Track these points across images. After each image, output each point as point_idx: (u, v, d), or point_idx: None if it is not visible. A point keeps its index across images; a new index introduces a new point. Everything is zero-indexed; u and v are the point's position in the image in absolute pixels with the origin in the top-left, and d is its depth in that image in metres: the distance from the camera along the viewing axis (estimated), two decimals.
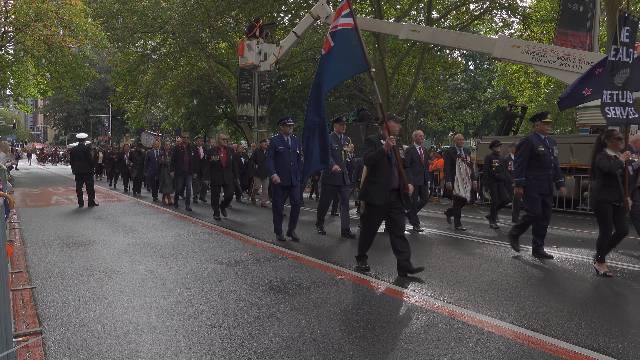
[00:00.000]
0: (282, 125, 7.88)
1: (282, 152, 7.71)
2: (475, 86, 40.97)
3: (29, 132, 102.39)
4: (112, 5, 24.77)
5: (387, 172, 5.46)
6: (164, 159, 13.17)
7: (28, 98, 28.14)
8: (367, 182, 5.56)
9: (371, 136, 5.65)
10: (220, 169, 10.26)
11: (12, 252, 6.13)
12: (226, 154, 10.37)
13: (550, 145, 6.70)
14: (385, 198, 5.46)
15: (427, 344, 3.60)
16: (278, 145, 7.74)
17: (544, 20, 22.53)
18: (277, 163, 7.69)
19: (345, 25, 5.57)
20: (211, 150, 10.39)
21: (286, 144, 7.77)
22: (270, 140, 7.90)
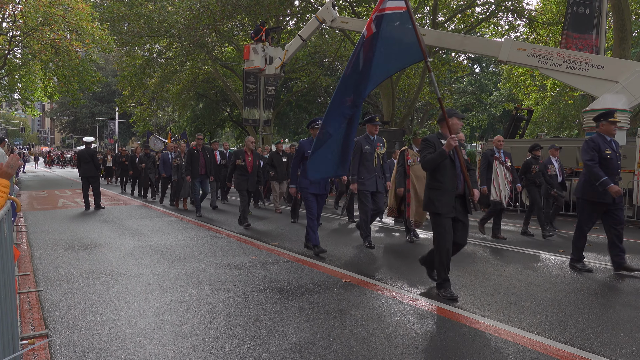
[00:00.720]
0: (312, 128, 7.17)
1: None
2: (481, 89, 40.86)
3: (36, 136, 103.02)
4: (118, 10, 24.92)
5: (451, 175, 4.84)
6: (179, 161, 12.65)
7: (35, 102, 28.32)
8: (429, 189, 4.94)
9: (429, 136, 5.03)
10: (245, 174, 9.72)
11: (19, 255, 6.16)
12: (252, 159, 9.83)
13: (617, 149, 6.08)
14: (452, 205, 4.82)
15: (433, 348, 3.58)
16: (308, 149, 6.95)
17: (550, 23, 22.46)
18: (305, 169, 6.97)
19: (394, 9, 4.82)
20: (237, 153, 9.89)
21: None
22: (300, 144, 7.28)
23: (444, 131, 4.95)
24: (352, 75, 5.00)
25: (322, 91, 33.91)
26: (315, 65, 29.62)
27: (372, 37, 4.83)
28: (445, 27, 24.33)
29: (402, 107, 27.36)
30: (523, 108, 19.95)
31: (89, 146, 12.75)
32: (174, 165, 12.93)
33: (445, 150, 4.70)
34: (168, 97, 34.26)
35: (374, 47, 4.83)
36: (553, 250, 7.48)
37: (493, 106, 38.60)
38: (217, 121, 38.13)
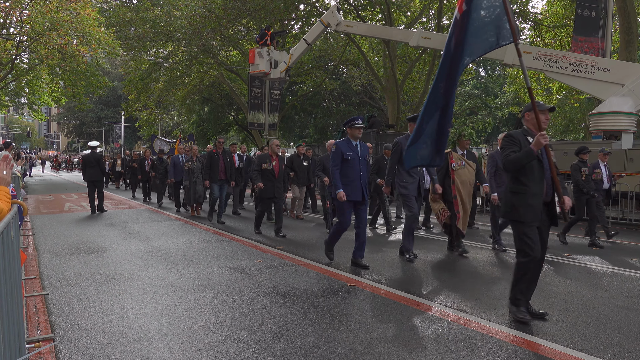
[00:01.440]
0: (350, 127, 6.47)
1: (351, 160, 6.35)
2: (486, 92, 40.80)
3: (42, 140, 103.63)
4: (124, 15, 25.10)
5: (538, 179, 4.23)
6: (191, 165, 12.01)
7: (42, 106, 28.53)
8: (511, 194, 4.32)
9: (513, 132, 4.41)
10: (272, 179, 8.97)
11: (25, 259, 6.20)
12: (279, 163, 9.17)
13: None
14: (538, 213, 4.24)
15: (439, 352, 3.57)
16: (346, 151, 6.36)
17: (555, 27, 22.42)
18: (345, 173, 6.32)
19: None
20: (262, 157, 9.16)
21: (355, 150, 6.41)
22: (337, 145, 6.46)
23: (528, 126, 4.38)
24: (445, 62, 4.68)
25: (327, 95, 33.96)
26: (320, 69, 29.68)
27: (463, 15, 4.47)
28: None
29: (408, 110, 27.31)
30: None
31: (94, 150, 12.94)
32: (186, 170, 12.26)
33: (534, 149, 4.11)
34: (174, 101, 34.43)
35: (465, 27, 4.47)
36: (559, 255, 7.44)
37: (499, 109, 38.49)
38: (222, 125, 38.23)
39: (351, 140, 6.50)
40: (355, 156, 6.38)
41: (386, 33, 16.78)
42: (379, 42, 24.90)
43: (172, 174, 13.24)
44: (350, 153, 6.38)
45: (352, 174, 6.33)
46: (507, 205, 4.35)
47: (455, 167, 7.27)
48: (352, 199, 6.28)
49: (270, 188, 8.96)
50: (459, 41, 4.55)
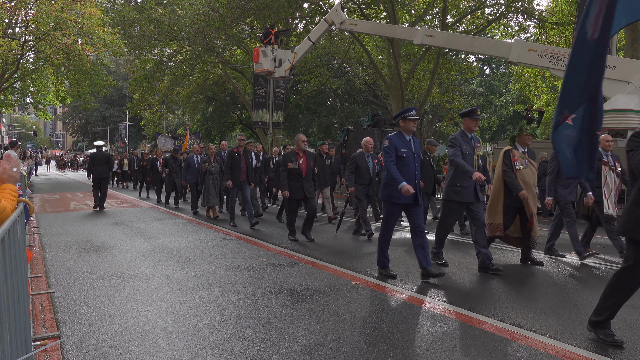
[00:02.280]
0: (404, 119, 5.67)
1: (405, 158, 5.58)
2: (491, 91, 40.71)
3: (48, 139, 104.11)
4: (129, 14, 25.17)
5: None
6: (208, 166, 11.40)
7: (47, 105, 28.67)
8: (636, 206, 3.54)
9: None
10: (300, 180, 8.15)
11: (31, 257, 6.23)
12: (306, 160, 8.26)
13: None
14: None
15: (444, 351, 3.56)
16: (400, 146, 5.59)
17: (560, 24, 22.32)
18: (400, 171, 5.54)
19: None
20: (288, 156, 8.29)
21: (409, 146, 5.65)
22: (390, 139, 5.67)
23: None
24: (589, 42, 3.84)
25: (331, 93, 33.95)
26: (325, 68, 29.66)
27: None
28: (454, 28, 24.27)
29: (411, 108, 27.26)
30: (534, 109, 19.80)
31: (100, 149, 13.55)
32: (203, 171, 11.56)
33: None
34: (178, 100, 34.52)
35: None
36: (566, 253, 7.41)
37: (503, 107, 38.43)
38: (226, 124, 38.31)
39: (404, 135, 5.70)
40: (409, 153, 5.63)
41: (390, 31, 16.75)
42: (383, 41, 24.85)
43: (186, 175, 12.49)
44: (405, 149, 5.61)
45: (406, 172, 5.56)
46: (632, 220, 3.51)
47: (518, 166, 6.37)
48: (404, 201, 5.55)
49: (299, 189, 8.15)
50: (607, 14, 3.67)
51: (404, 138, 5.67)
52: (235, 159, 9.98)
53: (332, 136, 33.49)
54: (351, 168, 8.84)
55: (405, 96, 23.59)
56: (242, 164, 10.03)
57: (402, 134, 5.70)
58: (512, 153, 6.47)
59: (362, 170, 8.77)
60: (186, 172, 12.46)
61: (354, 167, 8.80)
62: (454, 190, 6.08)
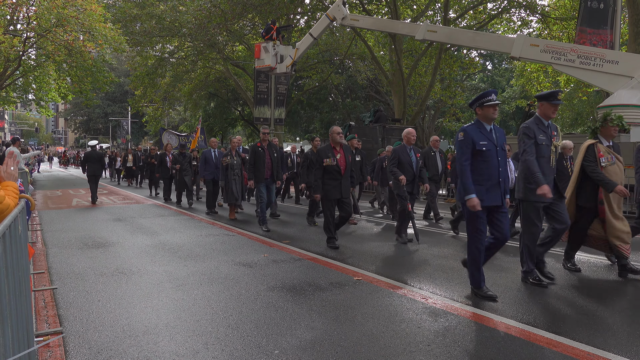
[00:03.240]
0: (482, 106, 4.74)
1: (486, 152, 4.65)
2: (493, 86, 40.58)
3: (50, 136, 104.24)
4: (130, 10, 25.13)
5: None
6: (230, 160, 10.54)
7: (49, 102, 28.67)
8: None
9: None
10: (337, 177, 7.19)
11: (33, 253, 6.24)
12: (344, 155, 7.33)
13: None
14: None
15: (445, 346, 3.56)
16: (478, 139, 4.67)
17: (563, 19, 22.23)
18: (477, 169, 4.68)
19: None
20: (323, 151, 7.30)
21: (490, 137, 4.72)
22: (465, 131, 4.75)
23: None
24: None
25: (333, 89, 33.88)
26: (326, 64, 29.60)
27: None
28: (456, 23, 24.19)
29: (414, 104, 27.23)
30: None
31: (94, 148, 15.17)
32: (223, 165, 10.75)
33: None
34: (180, 96, 34.49)
35: None
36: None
37: (506, 103, 38.30)
38: (228, 120, 38.27)
39: (483, 124, 4.77)
40: (491, 146, 4.69)
41: (392, 27, 16.69)
42: (385, 36, 24.78)
43: (203, 171, 11.70)
44: (485, 142, 4.68)
45: (487, 169, 4.67)
46: None
47: (604, 163, 5.57)
48: (487, 203, 4.64)
49: (336, 188, 7.18)
50: None
51: (484, 128, 4.75)
52: (258, 154, 9.09)
53: None
54: (394, 162, 7.74)
55: (407, 92, 23.54)
56: (267, 160, 9.15)
57: (480, 124, 4.78)
58: (597, 148, 5.63)
59: (405, 165, 7.69)
60: (203, 167, 11.74)
61: (397, 161, 7.71)
62: (531, 189, 4.99)
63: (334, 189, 7.20)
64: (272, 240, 7.93)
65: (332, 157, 7.21)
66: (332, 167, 7.17)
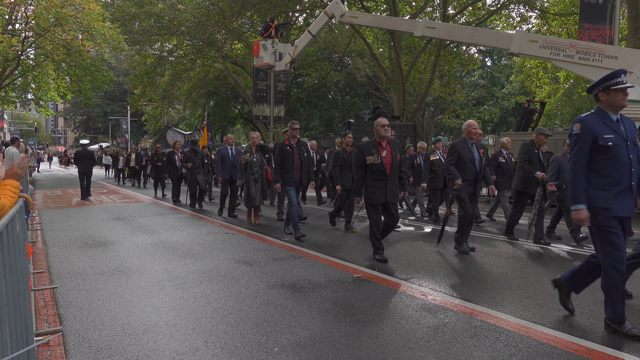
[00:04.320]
0: (607, 90, 3.79)
1: (612, 148, 3.70)
2: (492, 82, 40.53)
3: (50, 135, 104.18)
4: (129, 9, 25.09)
5: None
6: (249, 158, 9.52)
7: (49, 102, 28.63)
8: None
9: None
10: (383, 178, 6.14)
11: (32, 253, 6.24)
12: (391, 152, 6.21)
13: None
14: None
15: (445, 342, 3.56)
16: (601, 131, 3.73)
17: (562, 15, 22.19)
18: (601, 170, 3.74)
19: None
20: (367, 148, 6.23)
21: (617, 129, 3.77)
22: (583, 122, 3.82)
23: None
24: None
25: (332, 87, 33.86)
26: (325, 61, 29.58)
27: None
28: (455, 20, 24.15)
29: (413, 101, 27.21)
30: (535, 101, 19.77)
31: (86, 147, 15.66)
32: (242, 163, 9.81)
33: None
34: (179, 95, 34.50)
35: None
36: (567, 244, 7.40)
37: (505, 99, 38.28)
38: (228, 118, 38.29)
39: (608, 113, 3.83)
40: (619, 140, 3.73)
41: (391, 23, 16.66)
42: (384, 33, 24.74)
43: (220, 170, 10.72)
44: (610, 135, 3.72)
45: (616, 170, 3.71)
46: None
47: None
48: (617, 213, 3.68)
49: (380, 190, 6.15)
50: None
51: (608, 118, 3.80)
52: (287, 153, 8.06)
53: (333, 130, 33.43)
54: (452, 159, 6.66)
55: (406, 89, 23.51)
56: (296, 160, 8.13)
57: (604, 113, 3.82)
58: None
59: (466, 162, 6.58)
60: (220, 166, 10.71)
61: (456, 158, 6.64)
62: None
63: (378, 191, 6.16)
64: (272, 238, 7.93)
65: (377, 154, 6.13)
66: (375, 165, 6.13)
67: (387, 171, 6.15)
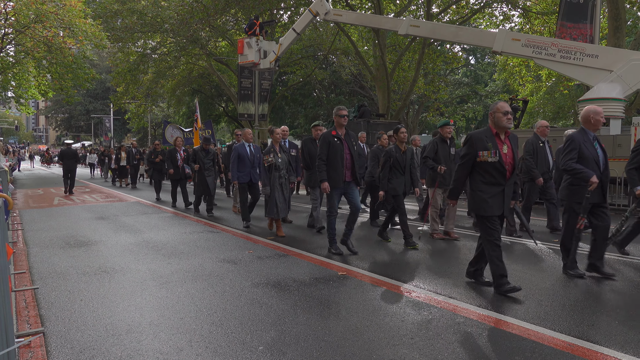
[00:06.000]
0: None
1: None
2: (476, 80, 40.88)
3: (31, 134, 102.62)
4: (111, 6, 24.79)
5: None
6: (274, 158, 7.80)
7: (29, 99, 28.21)
8: None
9: None
10: (500, 182, 4.65)
11: (12, 253, 6.15)
12: (511, 149, 4.73)
13: None
14: None
15: (429, 338, 3.59)
16: None
17: (544, 13, 22.44)
18: None
19: None
20: (480, 139, 4.70)
21: None
22: None
23: None
24: None
25: (317, 84, 33.84)
26: (310, 59, 29.55)
27: None
28: (439, 18, 24.27)
29: (398, 99, 27.31)
30: (518, 99, 19.98)
31: (70, 146, 16.76)
32: (266, 166, 7.91)
33: None
34: (163, 93, 34.20)
35: None
36: (547, 240, 7.50)
37: (488, 97, 38.63)
38: (212, 116, 38.02)
39: None
40: None
41: (375, 22, 16.71)
42: (368, 31, 24.80)
43: (236, 172, 8.85)
44: None
45: None
46: None
47: None
48: None
49: (498, 198, 4.64)
50: None
51: None
52: (334, 146, 6.39)
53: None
54: (573, 156, 5.15)
55: (391, 87, 23.59)
56: (346, 154, 6.46)
57: None
58: None
59: (590, 162, 5.13)
60: (236, 167, 8.81)
61: (576, 155, 5.15)
62: None
63: (493, 199, 4.63)
64: (257, 237, 7.91)
65: (495, 148, 4.62)
66: (491, 164, 4.61)
67: (507, 173, 4.64)
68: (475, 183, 4.74)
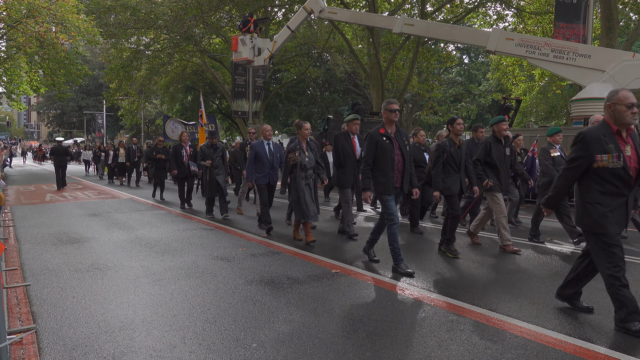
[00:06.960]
0: None
1: None
2: (470, 80, 40.99)
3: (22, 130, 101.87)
4: (104, 1, 24.61)
5: None
6: (300, 157, 7.04)
7: (21, 95, 27.98)
8: None
9: None
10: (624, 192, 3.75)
11: (3, 249, 6.11)
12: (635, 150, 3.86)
13: None
14: None
15: (422, 336, 3.61)
16: None
17: (538, 13, 22.54)
18: None
19: None
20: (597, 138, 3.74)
21: None
22: None
23: None
24: None
25: (311, 82, 33.81)
26: (304, 57, 29.52)
27: None
28: (434, 17, 24.33)
29: (392, 97, 27.33)
30: (511, 98, 20.07)
31: (60, 143, 17.40)
32: (289, 165, 7.19)
33: None
34: (156, 89, 34.03)
35: None
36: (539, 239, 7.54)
37: (482, 96, 38.76)
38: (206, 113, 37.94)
39: None
40: None
41: (370, 20, 16.71)
42: (362, 29, 24.81)
43: (252, 173, 8.05)
44: None
45: None
46: None
47: None
48: None
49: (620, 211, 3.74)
50: None
51: None
52: (383, 146, 5.49)
53: (312, 126, 33.42)
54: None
55: (385, 85, 23.63)
56: (397, 156, 5.53)
57: None
58: None
59: None
60: (253, 168, 8.04)
61: None
62: None
63: (613, 213, 3.71)
64: (251, 234, 7.91)
65: (617, 151, 3.67)
66: (613, 171, 3.68)
67: (631, 180, 3.70)
68: (590, 193, 3.78)
